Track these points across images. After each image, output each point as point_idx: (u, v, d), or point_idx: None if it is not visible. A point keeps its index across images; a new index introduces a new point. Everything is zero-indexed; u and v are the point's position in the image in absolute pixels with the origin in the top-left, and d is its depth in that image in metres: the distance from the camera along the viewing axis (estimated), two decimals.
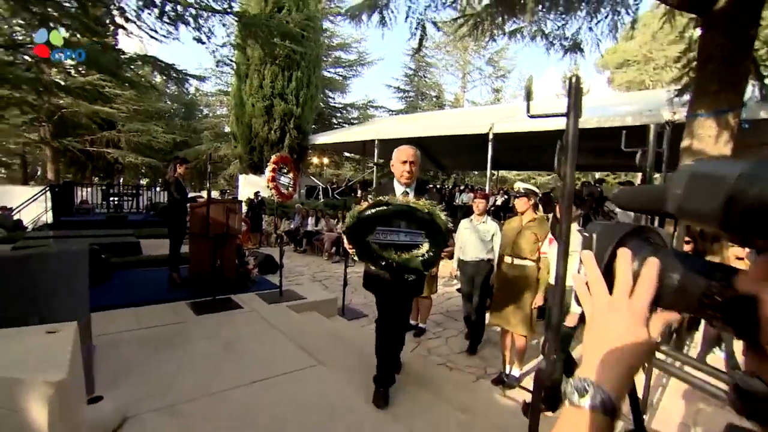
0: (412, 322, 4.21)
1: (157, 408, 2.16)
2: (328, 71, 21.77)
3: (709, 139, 4.68)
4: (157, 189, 15.42)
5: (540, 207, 3.32)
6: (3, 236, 7.66)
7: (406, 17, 7.11)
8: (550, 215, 3.58)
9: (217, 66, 19.04)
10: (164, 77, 7.32)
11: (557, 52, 7.52)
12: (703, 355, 3.59)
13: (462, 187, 13.68)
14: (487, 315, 3.49)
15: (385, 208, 2.13)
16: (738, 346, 3.58)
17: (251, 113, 13.39)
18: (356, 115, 23.39)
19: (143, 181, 21.62)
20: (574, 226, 2.81)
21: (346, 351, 3.19)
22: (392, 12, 7.44)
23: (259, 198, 10.45)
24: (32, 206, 11.06)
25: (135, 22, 5.58)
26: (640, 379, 2.50)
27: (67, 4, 5.23)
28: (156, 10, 5.51)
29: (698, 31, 5.83)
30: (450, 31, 10.24)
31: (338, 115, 23.11)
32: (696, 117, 4.75)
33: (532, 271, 3.06)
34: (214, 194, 10.84)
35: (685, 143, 4.81)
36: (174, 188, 4.58)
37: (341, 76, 22.81)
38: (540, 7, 6.55)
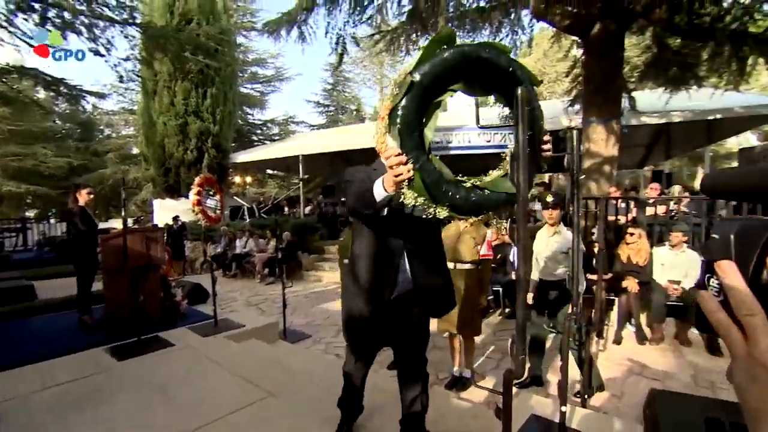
0: None
1: None
2: (245, 87, 20.93)
3: (602, 142, 5.34)
4: (51, 221, 13.31)
5: None
6: None
7: (326, 33, 7.11)
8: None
9: (120, 81, 17.09)
10: (51, 93, 6.38)
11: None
12: (618, 329, 4.01)
13: None
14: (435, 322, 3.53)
15: (447, 55, 1.14)
16: (643, 320, 4.07)
17: (163, 133, 12.24)
18: (277, 131, 22.75)
19: (30, 213, 18.56)
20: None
21: (295, 377, 2.98)
22: (311, 27, 7.39)
23: (179, 223, 9.56)
24: None
25: (6, 28, 4.80)
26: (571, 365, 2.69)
27: None
28: (35, 16, 4.79)
29: (581, 51, 6.69)
30: (367, 46, 10.44)
31: (258, 131, 22.27)
32: (590, 123, 5.39)
33: (474, 274, 3.16)
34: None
35: (584, 146, 5.43)
36: (79, 219, 3.96)
37: (259, 92, 22.08)
38: (450, 25, 6.97)
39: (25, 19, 4.91)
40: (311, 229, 9.69)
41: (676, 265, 4.00)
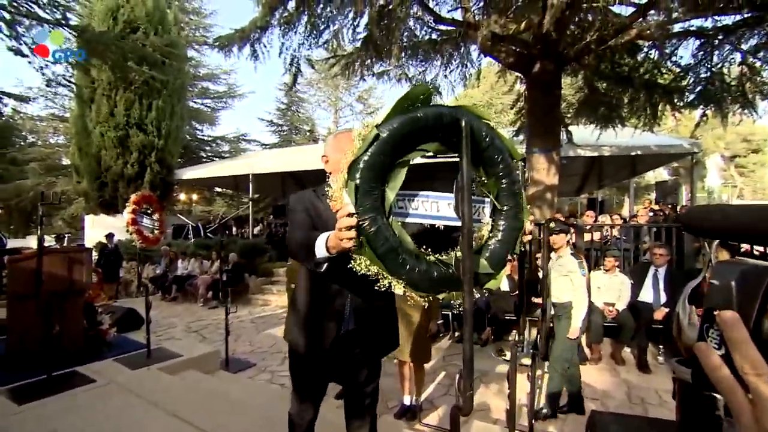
0: None
1: None
2: (195, 102, 20.11)
3: (544, 171, 5.65)
4: None
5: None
6: None
7: (280, 53, 7.02)
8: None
9: (47, 86, 15.42)
10: None
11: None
12: None
13: None
14: None
15: (421, 115, 1.08)
16: (584, 341, 4.24)
17: (100, 144, 11.32)
18: (227, 148, 21.98)
19: None
20: None
21: (238, 411, 2.74)
22: (265, 46, 7.27)
23: (114, 242, 8.74)
24: None
25: None
26: (523, 386, 2.71)
27: None
28: None
29: (524, 86, 7.17)
30: (322, 69, 10.45)
31: (207, 148, 21.35)
32: (533, 153, 5.71)
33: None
34: (48, 241, 8.71)
35: (527, 175, 5.73)
36: None
37: (209, 107, 21.30)
38: (403, 54, 7.19)
39: None
40: (260, 251, 9.29)
41: (610, 288, 4.27)
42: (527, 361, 3.29)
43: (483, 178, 1.26)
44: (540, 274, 4.21)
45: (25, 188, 16.20)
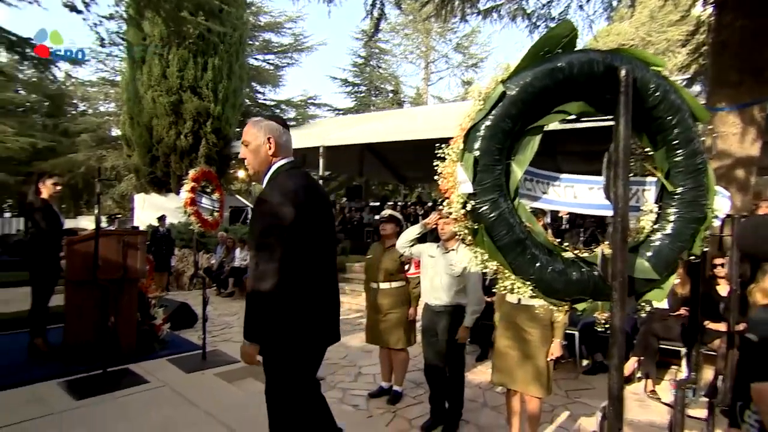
0: (383, 384, 4.04)
1: None
2: (255, 58, 21.52)
3: (734, 137, 5.02)
4: (7, 215, 14.04)
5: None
6: None
7: None
8: None
9: (101, 46, 17.62)
10: (14, 56, 6.68)
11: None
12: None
13: (430, 204, 13.82)
14: (477, 369, 3.38)
15: (562, 64, 1.04)
16: None
17: (152, 111, 12.76)
18: (293, 114, 23.24)
19: None
20: None
21: None
22: None
23: (166, 226, 9.85)
24: None
25: None
26: None
27: None
28: None
29: (708, 11, 6.35)
30: (412, 9, 10.42)
31: (270, 115, 22.75)
32: (716, 112, 5.08)
33: (546, 313, 2.99)
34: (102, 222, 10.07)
35: (707, 142, 5.13)
36: (41, 216, 4.13)
37: (272, 64, 22.62)
38: None
39: None
40: None
41: None
42: (699, 412, 2.98)
43: (647, 150, 1.20)
44: (721, 289, 3.76)
45: (76, 163, 18.86)
